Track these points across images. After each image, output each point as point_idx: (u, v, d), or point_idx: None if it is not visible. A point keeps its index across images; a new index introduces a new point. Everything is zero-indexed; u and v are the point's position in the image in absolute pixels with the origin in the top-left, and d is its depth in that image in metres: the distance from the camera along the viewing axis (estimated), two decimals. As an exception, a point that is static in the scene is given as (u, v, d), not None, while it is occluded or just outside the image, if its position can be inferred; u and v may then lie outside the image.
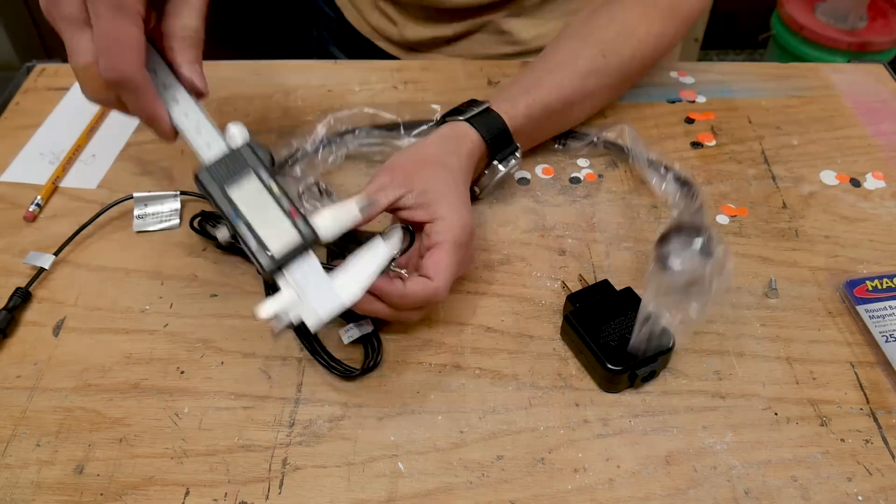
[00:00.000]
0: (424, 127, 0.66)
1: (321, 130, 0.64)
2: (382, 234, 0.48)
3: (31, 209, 0.58)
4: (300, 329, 0.52)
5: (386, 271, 0.47)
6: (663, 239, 0.53)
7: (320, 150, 0.63)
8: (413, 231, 0.51)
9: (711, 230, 0.52)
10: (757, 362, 0.50)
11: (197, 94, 0.45)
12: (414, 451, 0.46)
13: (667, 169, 0.62)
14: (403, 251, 0.51)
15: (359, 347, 0.51)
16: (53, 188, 0.60)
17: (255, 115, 0.70)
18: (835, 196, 0.63)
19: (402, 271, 0.49)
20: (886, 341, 0.51)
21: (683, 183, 0.60)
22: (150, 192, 0.61)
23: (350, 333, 0.51)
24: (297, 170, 0.61)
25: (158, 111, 0.43)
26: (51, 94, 0.73)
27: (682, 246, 0.50)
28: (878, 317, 0.52)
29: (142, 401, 0.48)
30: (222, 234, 0.50)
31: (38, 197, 0.59)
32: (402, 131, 0.65)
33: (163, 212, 0.60)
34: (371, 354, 0.50)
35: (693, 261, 0.50)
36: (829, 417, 0.47)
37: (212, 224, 0.58)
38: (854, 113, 0.71)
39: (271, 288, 0.52)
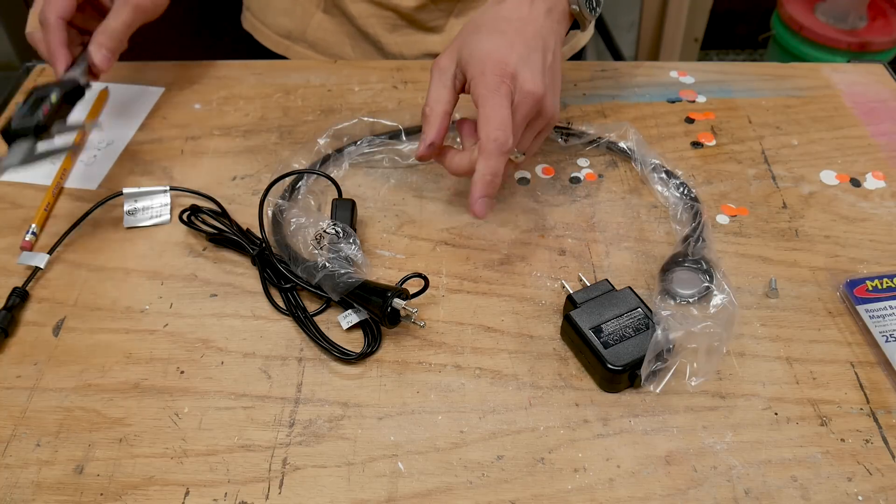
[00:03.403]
0: None
1: (323, 144, 0.64)
2: (393, 288, 0.49)
3: (27, 238, 0.57)
4: (300, 316, 0.52)
5: (408, 321, 0.51)
6: (666, 269, 0.54)
7: (324, 165, 0.63)
8: (427, 277, 0.52)
9: (712, 263, 0.53)
10: (757, 362, 0.50)
11: (91, 65, 0.61)
12: (414, 451, 0.46)
13: (669, 175, 0.62)
14: (418, 293, 0.52)
15: (359, 338, 0.51)
16: (46, 215, 0.60)
17: (255, 115, 0.70)
18: (835, 196, 0.63)
19: (421, 323, 0.51)
20: (886, 341, 0.51)
21: (687, 196, 0.60)
22: (140, 187, 0.61)
23: (348, 319, 0.51)
24: (303, 189, 0.61)
25: (57, 52, 0.60)
26: (51, 94, 0.73)
27: (687, 280, 0.52)
28: (878, 317, 0.52)
29: (142, 401, 0.48)
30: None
31: (33, 226, 0.58)
32: (404, 137, 0.65)
33: (153, 206, 0.61)
34: (370, 340, 0.51)
35: (697, 291, 0.52)
36: (829, 417, 0.47)
37: (200, 218, 0.58)
38: (854, 113, 0.71)
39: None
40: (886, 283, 0.54)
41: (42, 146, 0.54)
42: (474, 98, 0.52)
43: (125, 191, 0.60)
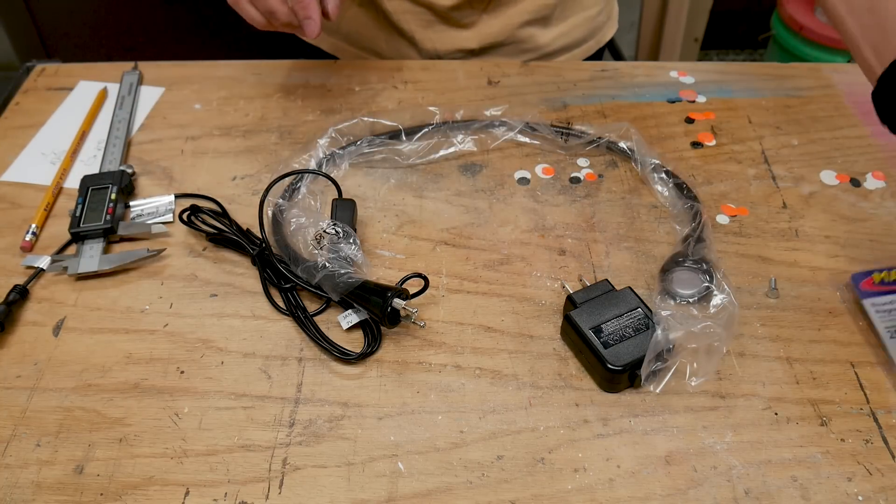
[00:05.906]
0: (426, 130, 0.66)
1: (323, 144, 0.64)
2: (393, 288, 0.49)
3: (27, 238, 0.58)
4: (300, 316, 0.52)
5: (408, 321, 0.51)
6: (666, 269, 0.54)
7: (324, 165, 0.63)
8: (427, 277, 0.52)
9: (712, 263, 0.53)
10: (757, 362, 0.50)
11: (324, 12, 0.62)
12: (414, 451, 0.46)
13: (669, 175, 0.62)
14: (418, 293, 0.52)
15: (359, 338, 0.51)
16: (46, 215, 0.60)
17: (255, 115, 0.70)
18: (835, 196, 0.63)
19: (421, 323, 0.51)
20: (892, 336, 0.50)
21: (686, 195, 0.60)
22: (150, 194, 0.62)
23: (348, 319, 0.51)
24: (303, 189, 0.61)
25: (315, 12, 0.60)
26: (51, 94, 0.73)
27: (687, 280, 0.52)
28: (885, 311, 0.51)
29: (142, 401, 0.48)
30: None
31: (33, 226, 0.59)
32: (404, 137, 0.65)
33: (161, 206, 0.61)
34: (370, 340, 0.51)
35: (697, 291, 0.52)
36: (829, 417, 0.47)
37: (200, 218, 0.58)
38: (854, 113, 0.71)
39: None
40: (895, 274, 0.53)
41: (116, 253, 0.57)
42: None
43: (131, 203, 0.61)
